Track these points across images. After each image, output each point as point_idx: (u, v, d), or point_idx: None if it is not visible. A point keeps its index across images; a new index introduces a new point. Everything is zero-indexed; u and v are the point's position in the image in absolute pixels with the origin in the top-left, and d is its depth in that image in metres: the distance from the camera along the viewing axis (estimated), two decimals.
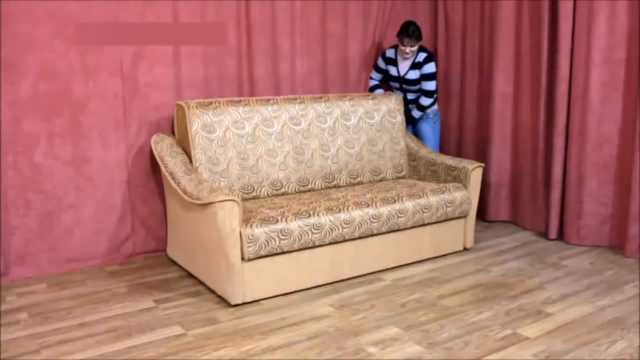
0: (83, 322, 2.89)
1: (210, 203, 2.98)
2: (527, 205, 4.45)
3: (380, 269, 3.56)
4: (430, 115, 4.53)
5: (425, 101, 4.40)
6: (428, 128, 4.54)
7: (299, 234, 3.13)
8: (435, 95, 4.41)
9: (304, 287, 3.27)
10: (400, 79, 4.40)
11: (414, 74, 4.35)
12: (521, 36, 4.30)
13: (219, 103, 3.59)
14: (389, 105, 4.21)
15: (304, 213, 3.20)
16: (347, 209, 3.33)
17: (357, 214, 3.34)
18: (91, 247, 3.66)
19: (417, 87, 4.40)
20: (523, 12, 4.26)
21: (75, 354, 2.56)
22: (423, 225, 3.68)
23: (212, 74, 3.93)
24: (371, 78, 4.60)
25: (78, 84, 3.49)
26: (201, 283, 3.38)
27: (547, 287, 3.33)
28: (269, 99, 3.78)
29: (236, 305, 3.06)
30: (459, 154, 4.90)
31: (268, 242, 3.04)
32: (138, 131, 3.71)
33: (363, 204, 3.41)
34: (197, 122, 3.46)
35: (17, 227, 3.42)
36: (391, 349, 2.60)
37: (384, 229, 3.47)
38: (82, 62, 3.48)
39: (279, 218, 3.11)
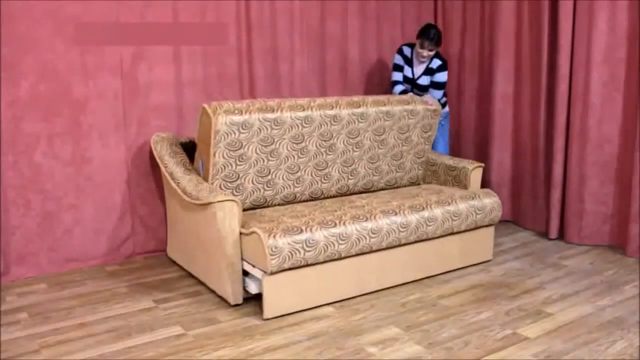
0: (83, 322, 2.89)
1: (209, 203, 2.98)
2: (527, 205, 4.45)
3: (407, 281, 3.37)
4: (441, 117, 4.40)
5: None
6: (438, 130, 4.43)
7: (325, 244, 2.93)
8: (443, 100, 4.29)
9: (329, 302, 3.08)
10: (413, 82, 4.24)
11: (425, 80, 4.20)
12: (521, 36, 4.30)
13: (250, 112, 3.15)
14: (426, 118, 3.85)
15: (330, 222, 2.99)
16: (375, 218, 3.13)
17: (384, 222, 3.14)
18: (91, 247, 3.66)
19: (426, 92, 4.26)
20: (523, 12, 4.26)
21: (75, 354, 2.56)
22: (452, 234, 3.49)
23: (212, 74, 3.93)
24: (396, 82, 4.24)
25: (78, 84, 3.49)
26: (201, 283, 3.38)
27: (547, 287, 3.32)
28: (304, 108, 3.34)
29: (236, 305, 3.06)
30: (459, 154, 4.90)
31: (292, 254, 2.83)
32: (138, 131, 3.71)
33: (390, 212, 3.21)
34: (223, 137, 3.10)
35: (17, 227, 3.42)
36: (391, 349, 2.60)
37: (412, 239, 3.27)
38: (82, 62, 3.48)
39: (304, 228, 2.90)
